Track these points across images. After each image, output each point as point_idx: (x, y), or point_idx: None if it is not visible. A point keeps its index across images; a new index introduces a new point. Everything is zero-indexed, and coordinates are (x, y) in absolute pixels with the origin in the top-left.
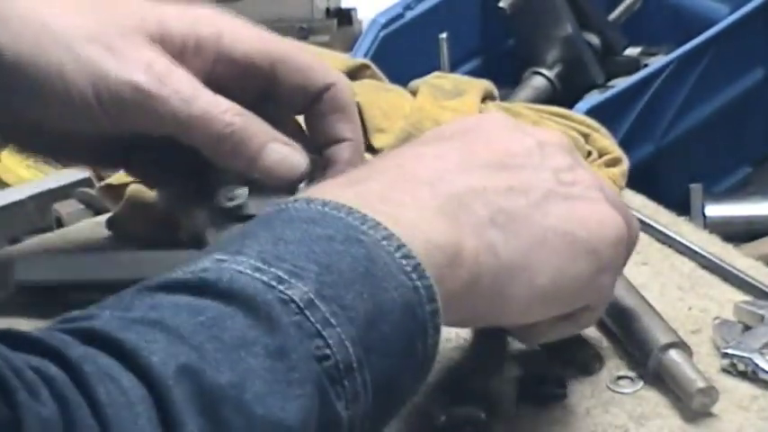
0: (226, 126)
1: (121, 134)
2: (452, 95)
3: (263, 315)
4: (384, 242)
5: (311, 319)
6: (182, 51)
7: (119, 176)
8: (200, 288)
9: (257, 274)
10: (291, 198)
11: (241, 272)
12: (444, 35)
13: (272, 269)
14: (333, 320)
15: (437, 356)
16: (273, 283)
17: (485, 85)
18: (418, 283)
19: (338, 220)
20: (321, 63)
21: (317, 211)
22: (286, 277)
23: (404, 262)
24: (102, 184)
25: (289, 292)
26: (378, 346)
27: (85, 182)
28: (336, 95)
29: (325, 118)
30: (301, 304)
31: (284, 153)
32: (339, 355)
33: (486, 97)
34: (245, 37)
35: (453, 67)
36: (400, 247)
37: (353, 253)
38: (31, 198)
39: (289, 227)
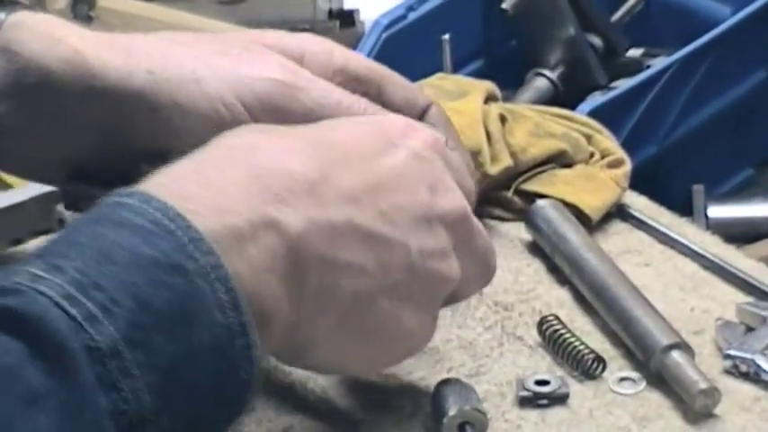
0: (364, 110)
1: None
2: (455, 97)
3: (65, 365)
4: (211, 273)
5: (113, 371)
6: (300, 62)
7: None
8: (5, 320)
9: (69, 306)
10: (134, 190)
11: (52, 300)
12: (447, 36)
13: (86, 301)
14: (134, 371)
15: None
16: (83, 323)
17: (487, 86)
18: (233, 319)
19: (169, 236)
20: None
21: (152, 219)
22: (99, 314)
23: (224, 297)
24: None
25: (97, 338)
26: (182, 391)
27: None
28: (439, 111)
29: None
30: (107, 352)
31: None
32: (134, 409)
33: (489, 98)
34: (351, 54)
35: (456, 69)
36: (225, 279)
37: (175, 286)
38: (34, 200)
39: (119, 236)
